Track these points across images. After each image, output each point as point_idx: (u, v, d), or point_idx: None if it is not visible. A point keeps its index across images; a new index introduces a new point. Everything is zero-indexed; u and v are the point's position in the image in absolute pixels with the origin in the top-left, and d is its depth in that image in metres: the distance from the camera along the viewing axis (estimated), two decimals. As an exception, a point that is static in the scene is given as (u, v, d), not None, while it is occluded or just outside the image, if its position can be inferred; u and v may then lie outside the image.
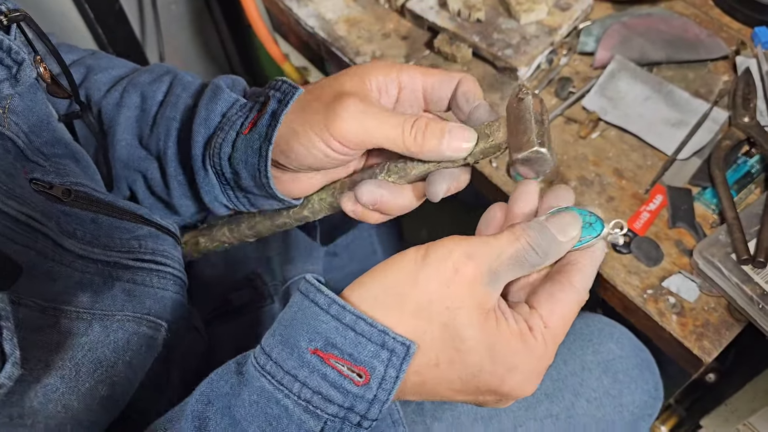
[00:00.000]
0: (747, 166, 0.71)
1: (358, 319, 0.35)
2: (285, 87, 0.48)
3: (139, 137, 0.56)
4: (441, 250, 0.37)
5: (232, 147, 0.49)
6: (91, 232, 0.46)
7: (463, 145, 0.44)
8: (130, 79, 0.57)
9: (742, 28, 0.83)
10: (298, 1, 0.92)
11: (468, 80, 0.47)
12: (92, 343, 0.42)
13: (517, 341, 0.37)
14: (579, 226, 0.40)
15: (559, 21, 0.82)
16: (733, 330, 0.63)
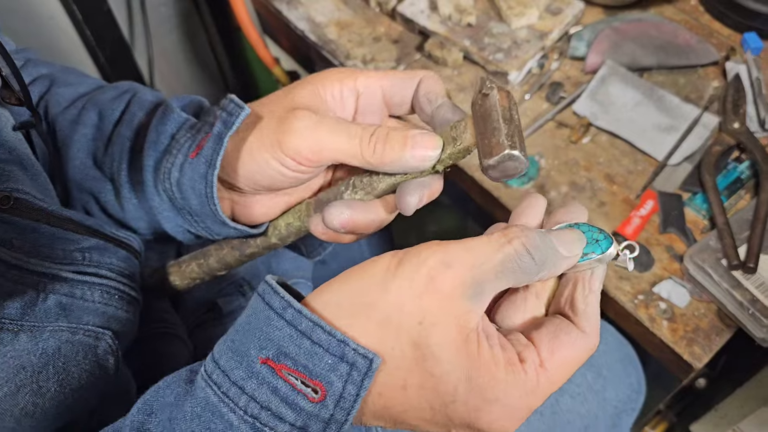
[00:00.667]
0: (737, 171, 0.71)
1: (316, 326, 0.31)
2: (231, 107, 0.44)
3: (94, 157, 0.54)
4: (416, 257, 0.32)
5: (180, 170, 0.46)
6: (31, 242, 0.44)
7: (429, 153, 0.40)
8: (91, 96, 0.54)
9: (731, 34, 0.83)
10: (288, 4, 0.92)
11: (429, 79, 0.44)
12: (16, 351, 0.40)
13: (501, 370, 0.32)
14: (582, 243, 0.36)
15: (551, 25, 0.82)
16: (723, 335, 0.63)
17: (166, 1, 1.20)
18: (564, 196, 0.72)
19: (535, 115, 0.78)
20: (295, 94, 0.44)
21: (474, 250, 0.32)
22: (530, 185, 0.74)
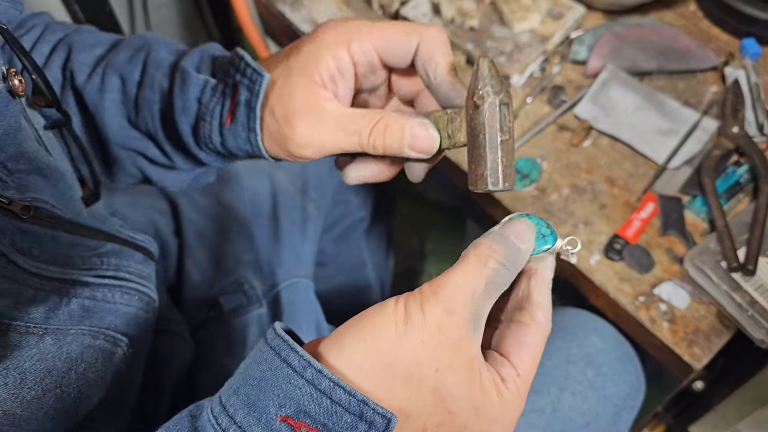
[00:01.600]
0: (736, 175, 0.72)
1: (336, 387, 0.32)
2: (250, 72, 0.46)
3: (128, 119, 0.56)
4: (422, 311, 0.34)
5: (221, 135, 0.49)
6: (49, 250, 0.45)
7: (425, 149, 0.43)
8: (108, 59, 0.56)
9: (730, 40, 0.84)
10: (291, 6, 0.92)
11: (429, 43, 0.43)
12: (42, 354, 0.41)
13: (493, 394, 0.35)
14: (533, 231, 0.38)
15: (552, 30, 0.83)
16: (722, 337, 0.64)
17: (168, 2, 1.20)
18: (565, 199, 0.73)
19: (537, 118, 0.79)
20: (291, 92, 0.45)
21: (462, 284, 0.35)
22: (532, 188, 0.74)
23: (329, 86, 0.45)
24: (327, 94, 0.44)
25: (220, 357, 0.67)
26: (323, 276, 0.96)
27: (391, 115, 0.44)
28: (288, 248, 0.80)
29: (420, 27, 0.44)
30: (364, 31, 0.44)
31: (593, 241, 0.70)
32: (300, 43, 0.46)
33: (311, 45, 0.45)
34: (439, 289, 0.34)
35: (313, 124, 0.44)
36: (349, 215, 1.03)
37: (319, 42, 0.45)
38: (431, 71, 0.43)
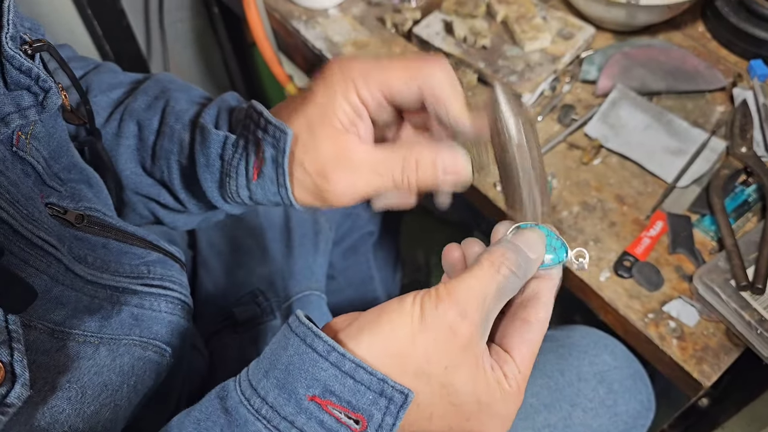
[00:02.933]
0: (744, 194, 0.73)
1: (358, 368, 0.36)
2: (272, 130, 0.47)
3: (142, 166, 0.56)
4: (436, 311, 0.37)
5: (248, 190, 0.50)
6: (101, 258, 0.46)
7: (460, 177, 0.44)
8: (126, 105, 0.57)
9: (738, 61, 0.85)
10: (306, 24, 0.94)
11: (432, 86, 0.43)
12: (98, 367, 0.43)
13: (497, 390, 0.38)
14: (544, 241, 0.40)
15: (563, 49, 0.84)
16: (731, 354, 0.64)
17: (183, 18, 1.22)
18: (576, 216, 0.74)
19: (548, 137, 0.80)
20: (319, 145, 0.46)
21: (475, 289, 0.37)
22: (542, 204, 0.75)
23: (351, 130, 0.45)
24: (353, 139, 0.45)
25: (234, 367, 0.68)
26: (332, 289, 0.97)
27: (420, 150, 0.44)
28: (300, 261, 0.81)
29: (421, 68, 0.43)
30: (367, 75, 0.45)
31: (603, 258, 0.71)
32: (313, 93, 0.47)
33: (324, 93, 0.46)
34: (454, 292, 0.37)
35: (348, 175, 0.45)
36: (358, 229, 1.04)
37: (330, 89, 0.46)
38: (442, 114, 0.44)
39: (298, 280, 0.79)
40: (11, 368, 0.33)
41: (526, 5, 0.87)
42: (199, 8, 1.23)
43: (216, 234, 0.79)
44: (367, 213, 1.04)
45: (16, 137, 0.43)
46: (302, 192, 0.48)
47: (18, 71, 0.41)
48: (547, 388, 0.67)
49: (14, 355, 0.33)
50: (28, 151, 0.44)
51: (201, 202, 0.57)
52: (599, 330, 0.74)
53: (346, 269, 1.05)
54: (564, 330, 0.74)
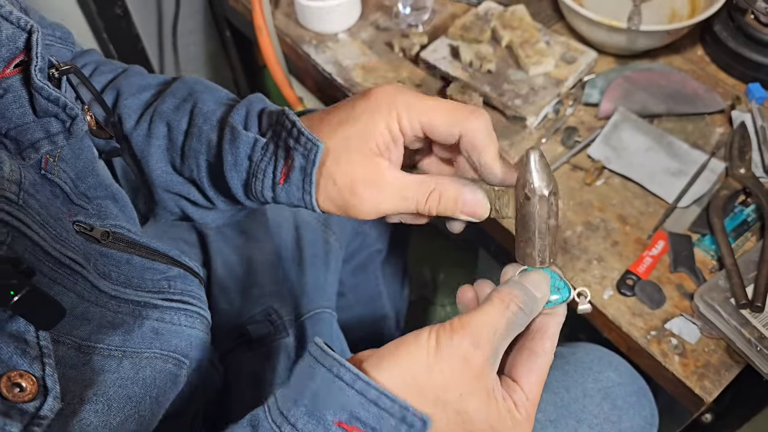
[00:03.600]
0: (743, 214, 0.75)
1: (381, 395, 0.38)
2: (304, 141, 0.49)
3: (172, 165, 0.59)
4: (451, 341, 0.39)
5: (273, 192, 0.52)
6: (125, 273, 0.48)
7: (476, 215, 0.47)
8: (155, 107, 0.58)
9: (736, 84, 0.88)
10: (317, 48, 0.97)
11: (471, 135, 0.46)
12: (122, 380, 0.45)
13: (508, 418, 0.41)
14: (548, 282, 0.44)
15: (566, 73, 0.87)
16: (732, 371, 0.66)
17: (196, 41, 1.26)
18: (579, 236, 0.76)
19: (551, 158, 0.82)
20: (351, 161, 0.48)
21: (487, 323, 0.40)
22: (547, 224, 0.77)
23: (385, 154, 0.48)
24: (385, 163, 0.47)
25: (248, 383, 0.70)
26: (342, 305, 0.99)
27: (445, 184, 0.47)
28: (312, 279, 0.83)
29: (464, 118, 0.46)
30: (413, 110, 0.47)
31: (606, 277, 0.73)
32: (355, 111, 0.48)
33: (367, 115, 0.48)
34: (467, 325, 0.40)
35: (375, 194, 0.47)
36: (367, 247, 1.06)
37: (374, 112, 0.47)
38: (476, 158, 0.46)
39: (310, 298, 0.81)
40: (43, 382, 0.35)
41: (530, 30, 0.90)
42: (212, 32, 1.26)
43: (230, 254, 0.81)
44: (376, 231, 1.06)
45: (44, 161, 0.46)
46: (327, 201, 0.50)
47: (47, 100, 0.44)
48: (553, 404, 0.69)
49: (46, 369, 0.35)
50: (56, 173, 0.47)
51: (228, 199, 0.59)
52: (603, 347, 0.76)
53: (356, 286, 1.07)
54: (569, 347, 0.76)
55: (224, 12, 1.18)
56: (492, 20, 0.92)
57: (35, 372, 0.35)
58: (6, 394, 0.33)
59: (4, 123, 0.43)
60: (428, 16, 0.97)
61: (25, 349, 0.35)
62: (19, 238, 0.38)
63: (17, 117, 0.43)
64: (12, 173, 0.39)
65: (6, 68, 0.43)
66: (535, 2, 0.99)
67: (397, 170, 0.49)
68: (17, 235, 0.38)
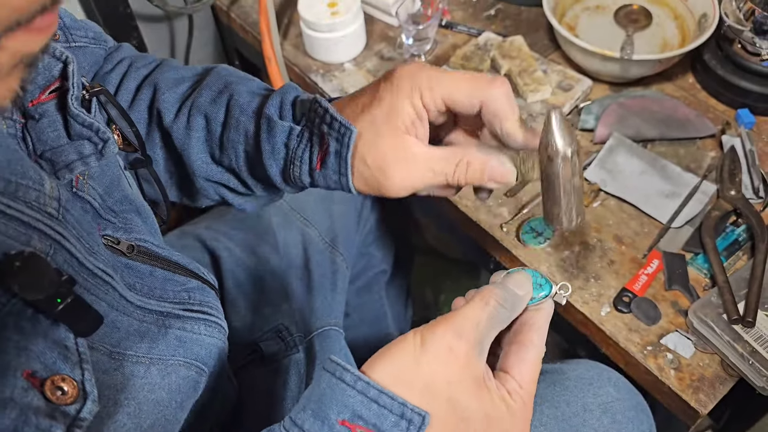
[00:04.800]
0: (735, 234, 0.79)
1: (381, 394, 0.40)
2: (338, 126, 0.51)
3: (211, 155, 0.61)
4: (435, 335, 0.42)
5: (310, 177, 0.55)
6: (148, 285, 0.51)
7: (504, 182, 0.50)
8: (193, 99, 0.61)
9: (726, 110, 0.92)
10: (323, 77, 1.01)
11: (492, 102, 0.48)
12: (151, 385, 0.47)
13: (502, 405, 0.42)
14: (530, 281, 0.47)
15: (562, 100, 0.91)
16: (726, 384, 0.69)
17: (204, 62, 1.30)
18: (577, 255, 0.79)
19: (550, 181, 0.86)
20: (381, 142, 0.51)
21: (469, 317, 0.42)
22: (545, 245, 0.81)
23: (411, 131, 0.50)
24: (412, 140, 0.50)
25: (261, 398, 0.73)
26: (347, 325, 1.01)
27: (472, 154, 0.50)
28: (320, 298, 0.86)
29: (484, 85, 0.48)
30: (435, 85, 0.50)
31: (603, 294, 0.76)
32: (379, 92, 0.51)
33: (391, 95, 0.51)
34: (450, 318, 0.43)
35: (405, 170, 0.50)
36: (372, 268, 1.09)
37: (397, 91, 0.50)
38: (497, 126, 0.49)
39: (318, 317, 0.83)
40: (83, 386, 0.37)
41: (528, 60, 0.94)
42: (222, 61, 1.31)
43: (241, 273, 0.84)
44: (381, 253, 1.09)
45: (75, 179, 0.49)
46: (361, 182, 0.53)
47: (81, 126, 0.47)
48: (554, 418, 0.71)
49: (85, 374, 0.38)
50: (85, 190, 0.50)
51: (266, 185, 0.62)
52: (603, 364, 0.78)
53: (360, 306, 1.10)
54: (569, 364, 0.78)
55: (234, 43, 1.23)
56: (491, 50, 0.96)
57: (75, 376, 0.37)
58: (50, 396, 0.35)
59: (40, 145, 0.47)
60: (430, 47, 1.02)
61: (66, 354, 0.37)
62: (60, 251, 0.41)
63: (52, 140, 0.47)
64: (52, 190, 0.42)
65: (41, 94, 0.47)
66: (533, 33, 1.03)
67: (425, 145, 0.51)
68: (58, 248, 0.41)
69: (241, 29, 1.13)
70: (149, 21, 1.14)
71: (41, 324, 0.36)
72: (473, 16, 1.07)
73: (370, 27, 1.06)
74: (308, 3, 0.98)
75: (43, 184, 0.42)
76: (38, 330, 0.36)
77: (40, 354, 0.36)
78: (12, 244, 0.37)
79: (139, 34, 1.06)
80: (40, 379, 0.35)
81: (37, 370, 0.35)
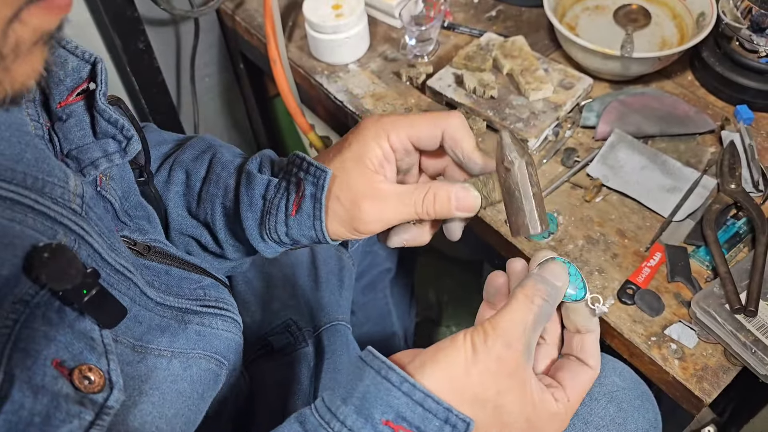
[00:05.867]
0: (735, 227, 0.80)
1: (427, 397, 0.41)
2: (314, 170, 0.54)
3: (188, 209, 0.64)
4: (486, 345, 0.42)
5: (285, 226, 0.57)
6: (165, 283, 0.53)
7: (470, 209, 0.52)
8: (176, 156, 0.64)
9: (725, 106, 0.93)
10: (329, 78, 1.03)
11: (451, 131, 0.52)
12: (174, 376, 0.49)
13: (543, 409, 0.44)
14: (565, 270, 0.47)
15: (564, 98, 0.92)
16: (729, 373, 0.70)
17: (211, 73, 1.32)
18: (581, 249, 0.81)
19: (552, 177, 0.87)
20: (353, 181, 0.53)
21: (516, 321, 0.43)
22: (549, 239, 0.82)
23: (380, 171, 0.53)
24: (381, 177, 0.53)
25: (272, 390, 0.74)
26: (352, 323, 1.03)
27: (437, 185, 0.53)
28: (327, 294, 0.87)
29: (442, 118, 0.53)
30: (399, 125, 0.54)
31: (607, 287, 0.77)
32: (348, 140, 0.55)
33: (358, 139, 0.54)
34: (498, 326, 0.43)
35: (377, 204, 0.52)
36: (376, 266, 1.11)
37: (365, 135, 0.54)
38: (458, 152, 0.53)
39: (326, 312, 0.85)
40: (109, 376, 0.39)
41: (530, 59, 0.96)
42: (226, 64, 1.32)
43: (250, 272, 0.86)
44: (385, 251, 1.10)
45: (99, 179, 0.51)
46: (335, 223, 0.55)
47: (107, 122, 0.49)
48: None
49: (110, 364, 0.39)
50: (108, 190, 0.52)
51: (238, 242, 0.63)
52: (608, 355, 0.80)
53: (365, 304, 1.11)
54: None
55: (239, 46, 1.24)
56: (493, 50, 0.98)
57: (102, 367, 0.38)
58: (78, 385, 0.37)
59: (66, 144, 0.48)
60: (433, 47, 1.03)
61: (93, 345, 0.39)
62: (83, 246, 0.43)
63: (78, 138, 0.49)
64: (76, 187, 0.44)
65: (69, 96, 0.48)
66: (534, 33, 1.05)
67: (393, 183, 0.54)
68: (81, 243, 0.42)
69: (246, 32, 1.14)
70: (156, 25, 1.16)
71: (68, 315, 0.38)
72: (475, 18, 1.09)
73: (374, 29, 1.07)
74: (313, 5, 1.00)
75: (67, 181, 0.43)
76: (65, 321, 0.37)
77: (67, 344, 0.37)
78: (39, 238, 0.39)
79: (146, 37, 1.08)
80: (68, 369, 0.36)
81: (66, 359, 0.36)
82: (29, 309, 0.35)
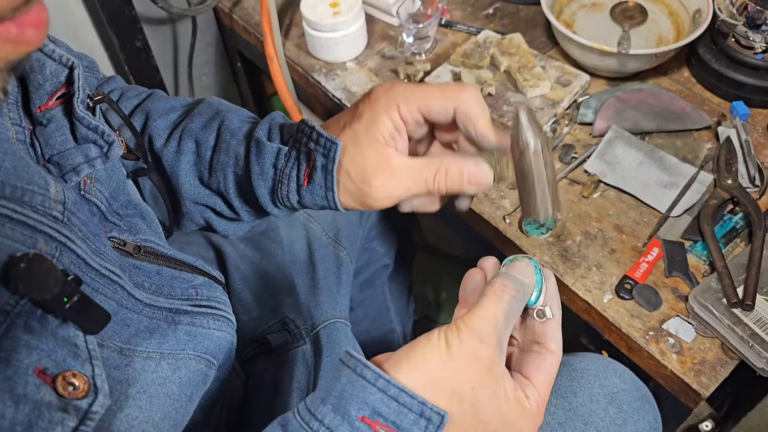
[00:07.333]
0: (732, 222, 0.80)
1: (401, 392, 0.41)
2: (324, 141, 0.53)
3: (200, 179, 0.63)
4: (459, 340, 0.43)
5: (298, 195, 0.56)
6: (156, 283, 0.53)
7: (483, 185, 0.52)
8: (184, 126, 0.63)
9: (721, 102, 0.94)
10: (326, 76, 1.03)
11: (465, 106, 0.50)
12: (162, 379, 0.48)
13: (517, 407, 0.44)
14: (533, 267, 0.48)
15: (561, 95, 0.93)
16: (727, 367, 0.70)
17: (208, 72, 1.32)
18: (579, 245, 0.81)
19: (550, 173, 0.88)
20: (363, 155, 0.53)
21: (487, 318, 0.44)
22: (548, 235, 0.82)
23: (391, 143, 0.53)
24: (392, 151, 0.53)
25: (268, 389, 0.74)
26: (352, 319, 1.03)
27: (450, 161, 0.52)
28: (325, 292, 0.87)
29: (456, 92, 0.51)
30: (410, 97, 0.52)
31: (605, 282, 0.77)
32: (359, 110, 0.54)
33: (369, 110, 0.53)
34: (470, 323, 0.44)
35: (387, 180, 0.52)
36: (375, 262, 1.11)
37: (375, 107, 0.53)
38: (471, 129, 0.52)
39: (323, 310, 0.85)
40: (93, 382, 0.38)
41: (527, 56, 0.96)
42: (224, 63, 1.33)
43: (246, 268, 0.86)
44: (383, 248, 1.10)
45: (82, 182, 0.50)
46: (346, 196, 0.54)
47: (87, 128, 0.49)
48: (561, 408, 0.72)
49: (95, 370, 0.39)
50: (92, 193, 0.51)
51: (252, 209, 0.63)
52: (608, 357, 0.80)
53: (364, 301, 1.11)
54: (576, 356, 0.80)
55: (236, 44, 1.24)
56: (491, 47, 0.98)
57: (86, 372, 0.38)
58: (62, 392, 0.37)
59: (47, 150, 0.48)
60: (431, 45, 1.03)
61: (76, 352, 0.38)
62: (66, 252, 0.42)
63: (59, 144, 0.48)
64: (57, 194, 0.43)
65: (49, 100, 0.48)
66: (531, 30, 1.05)
67: (404, 156, 0.53)
68: (64, 249, 0.42)
69: (243, 30, 1.14)
70: (153, 23, 1.16)
71: (50, 323, 0.37)
72: (472, 15, 1.09)
73: (371, 26, 1.07)
74: (311, 3, 1.00)
75: (48, 188, 0.43)
76: (47, 329, 0.37)
77: (50, 352, 0.37)
78: (18, 247, 0.38)
79: (143, 36, 1.08)
80: (51, 376, 0.36)
81: (48, 367, 0.36)
82: (9, 319, 0.35)
